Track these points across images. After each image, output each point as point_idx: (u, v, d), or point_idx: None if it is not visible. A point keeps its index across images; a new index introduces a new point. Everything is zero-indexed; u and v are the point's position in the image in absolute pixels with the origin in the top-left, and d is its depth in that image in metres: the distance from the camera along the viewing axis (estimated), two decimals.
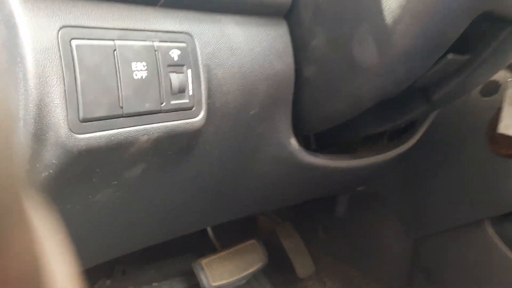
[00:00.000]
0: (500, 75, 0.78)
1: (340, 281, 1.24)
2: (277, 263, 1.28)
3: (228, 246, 1.16)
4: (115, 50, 0.40)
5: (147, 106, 0.42)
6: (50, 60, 0.36)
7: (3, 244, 0.16)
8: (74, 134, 0.38)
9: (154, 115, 0.43)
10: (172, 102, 0.44)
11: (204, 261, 1.10)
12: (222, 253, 1.14)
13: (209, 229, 1.28)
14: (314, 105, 0.60)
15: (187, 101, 0.46)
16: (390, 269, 1.10)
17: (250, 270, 1.14)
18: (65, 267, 0.23)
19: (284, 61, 0.56)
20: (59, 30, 0.36)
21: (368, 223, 1.14)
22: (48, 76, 0.36)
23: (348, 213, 1.16)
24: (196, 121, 0.47)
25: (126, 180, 0.49)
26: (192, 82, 0.46)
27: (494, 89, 0.81)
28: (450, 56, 0.52)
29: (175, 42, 0.44)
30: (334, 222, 1.23)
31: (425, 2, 0.45)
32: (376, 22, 0.48)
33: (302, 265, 1.25)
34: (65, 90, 0.37)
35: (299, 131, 0.64)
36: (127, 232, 0.64)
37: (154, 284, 1.20)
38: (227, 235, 1.28)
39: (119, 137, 0.41)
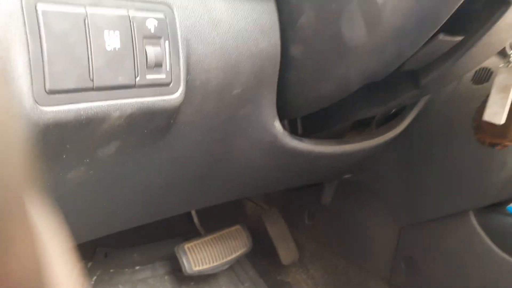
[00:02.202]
0: (493, 62, 0.77)
1: (324, 268, 1.24)
2: (262, 249, 1.28)
3: (213, 231, 1.15)
4: (86, 17, 0.37)
5: (120, 80, 0.40)
6: (13, 26, 0.33)
7: (3, 242, 0.16)
8: (40, 106, 0.35)
9: (128, 89, 0.41)
10: (148, 76, 0.42)
11: (187, 246, 1.09)
12: (206, 238, 1.13)
13: (194, 214, 1.26)
14: (301, 86, 0.58)
15: (163, 76, 0.43)
16: (374, 257, 1.09)
17: (233, 255, 1.13)
18: (66, 264, 0.23)
19: (269, 39, 0.53)
20: None
21: (355, 211, 1.13)
22: (11, 43, 0.33)
23: (335, 201, 1.15)
24: (173, 98, 0.45)
25: (99, 159, 0.47)
26: (169, 56, 0.43)
27: (486, 76, 0.79)
28: (441, 36, 0.50)
29: (153, 12, 0.42)
30: (320, 209, 1.22)
31: None
32: None
33: (286, 251, 1.25)
34: (29, 59, 0.34)
35: (284, 114, 0.62)
36: (105, 213, 0.62)
37: (137, 267, 1.19)
38: (213, 221, 1.27)
39: (89, 111, 0.39)
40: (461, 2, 0.45)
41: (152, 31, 0.42)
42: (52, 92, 0.36)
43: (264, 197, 1.39)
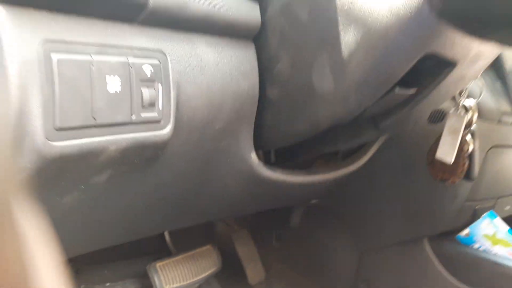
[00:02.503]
0: (447, 105, 0.86)
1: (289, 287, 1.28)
2: (231, 269, 1.31)
3: (185, 250, 1.19)
4: (91, 64, 0.42)
5: (118, 118, 0.45)
6: (31, 72, 0.38)
7: None
8: (49, 142, 0.40)
9: (124, 126, 0.46)
10: (142, 114, 0.47)
11: (158, 264, 1.11)
12: (177, 257, 1.16)
13: (166, 233, 1.29)
14: (275, 124, 0.64)
15: (156, 114, 0.48)
16: (336, 278, 1.15)
17: (203, 275, 1.16)
18: (53, 270, 0.23)
19: (250, 81, 0.59)
20: (40, 44, 0.39)
21: (320, 234, 1.19)
22: (29, 88, 0.38)
23: (302, 224, 1.21)
24: (163, 134, 0.50)
25: (92, 185, 0.51)
26: (162, 97, 0.48)
27: (440, 117, 0.88)
28: (397, 89, 0.58)
29: (149, 58, 0.47)
30: (288, 231, 1.27)
31: (377, 40, 0.50)
32: (334, 53, 0.52)
33: (253, 271, 1.29)
34: (43, 100, 0.39)
35: (260, 146, 0.68)
36: (91, 232, 0.66)
37: (107, 284, 1.20)
38: (185, 240, 1.30)
39: (90, 145, 0.43)
40: (415, 62, 0.53)
41: (148, 75, 0.47)
42: (60, 129, 0.40)
43: (236, 218, 1.43)
